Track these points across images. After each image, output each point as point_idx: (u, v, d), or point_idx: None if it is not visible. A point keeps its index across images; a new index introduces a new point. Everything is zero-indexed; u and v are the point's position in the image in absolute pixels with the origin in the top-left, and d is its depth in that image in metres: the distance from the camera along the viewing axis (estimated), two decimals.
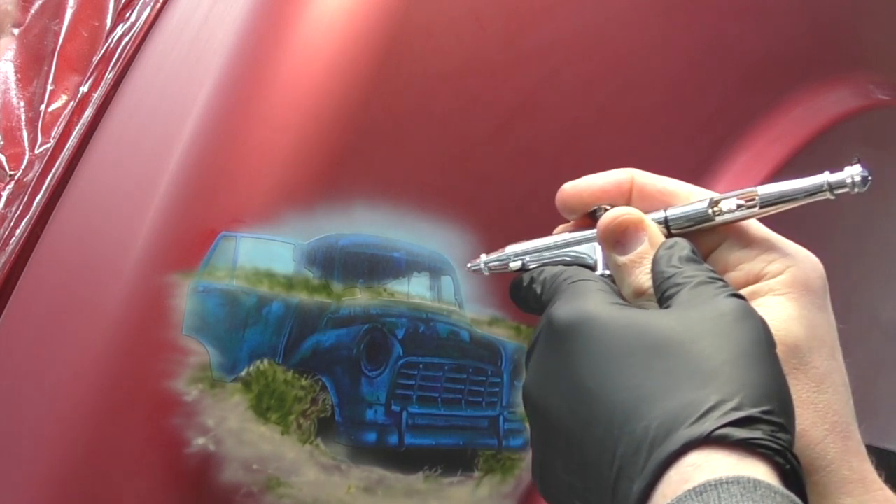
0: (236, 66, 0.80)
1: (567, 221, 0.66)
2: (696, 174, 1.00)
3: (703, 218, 0.61)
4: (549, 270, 0.62)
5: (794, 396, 0.56)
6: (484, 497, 0.86)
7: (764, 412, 0.49)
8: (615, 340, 0.53)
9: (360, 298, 0.80)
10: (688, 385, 0.50)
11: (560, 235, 0.65)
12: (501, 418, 0.87)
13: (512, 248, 0.66)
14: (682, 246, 0.59)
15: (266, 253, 0.76)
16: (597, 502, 0.52)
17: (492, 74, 0.86)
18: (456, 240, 0.83)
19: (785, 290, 0.60)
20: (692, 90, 1.01)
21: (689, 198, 0.62)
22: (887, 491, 0.59)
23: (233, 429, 0.76)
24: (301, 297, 0.78)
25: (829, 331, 0.61)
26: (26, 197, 0.82)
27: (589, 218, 0.64)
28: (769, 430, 0.49)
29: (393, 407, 0.81)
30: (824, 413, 0.58)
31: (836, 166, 0.62)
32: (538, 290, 0.62)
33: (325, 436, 0.79)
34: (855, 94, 1.18)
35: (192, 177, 0.78)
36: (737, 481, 0.46)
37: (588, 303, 0.56)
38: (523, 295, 0.64)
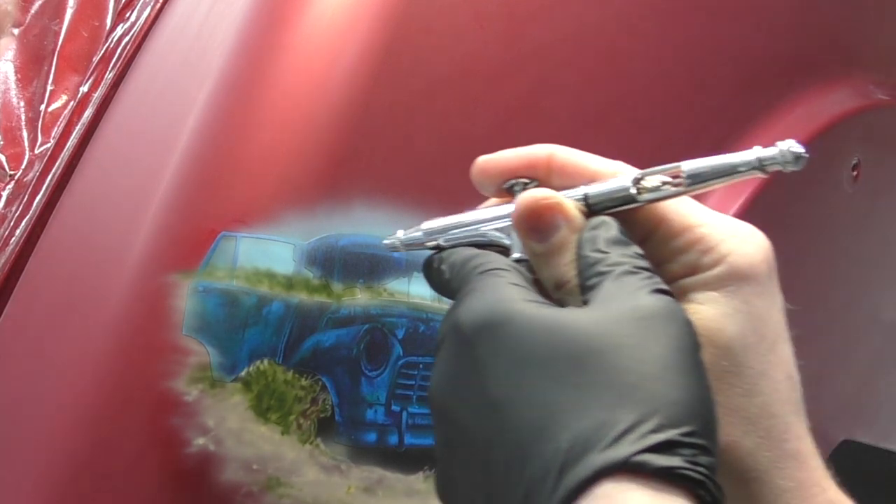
0: (236, 66, 0.80)
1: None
2: None
3: (626, 197, 0.56)
4: (460, 253, 0.57)
5: (724, 403, 0.53)
6: None
7: (685, 434, 0.45)
8: (525, 347, 0.48)
9: (360, 298, 0.80)
10: (602, 401, 0.46)
11: (475, 213, 0.60)
12: None
13: (428, 225, 0.62)
14: (610, 226, 0.54)
15: (266, 253, 0.76)
16: None
17: (492, 74, 0.86)
18: None
19: (720, 284, 0.55)
20: (692, 90, 1.01)
21: (613, 176, 0.57)
22: (830, 492, 0.55)
23: (233, 429, 0.76)
24: (301, 297, 0.78)
25: (769, 323, 0.56)
26: (26, 197, 0.82)
27: (508, 193, 0.59)
28: (690, 455, 0.45)
29: (393, 407, 0.81)
30: (757, 419, 0.54)
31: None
32: (447, 275, 0.57)
33: (325, 436, 0.79)
34: (855, 94, 1.19)
35: (191, 177, 0.78)
36: None
37: (497, 302, 0.50)
38: (434, 278, 0.59)
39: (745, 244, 0.56)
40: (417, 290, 0.82)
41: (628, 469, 0.44)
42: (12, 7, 1.01)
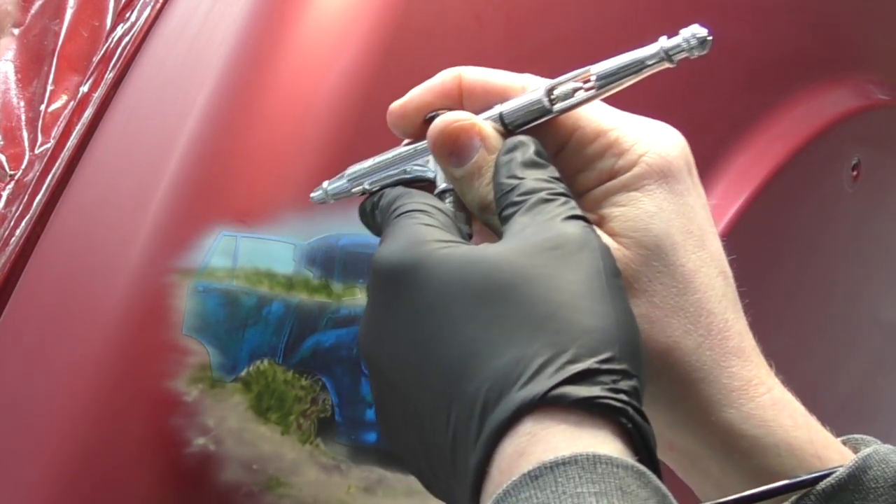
0: (236, 67, 0.80)
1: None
2: None
3: (541, 110, 0.55)
4: (388, 195, 0.56)
5: (661, 304, 0.52)
6: None
7: (603, 361, 0.44)
8: (437, 289, 0.47)
9: (360, 298, 0.80)
10: (518, 337, 0.45)
11: (396, 150, 0.59)
12: None
13: (352, 170, 0.60)
14: (526, 147, 0.53)
15: (266, 253, 0.76)
16: (438, 468, 0.47)
17: None
18: None
19: (640, 183, 0.54)
20: (692, 90, 1.01)
21: (523, 91, 0.56)
22: (775, 390, 0.54)
23: (233, 429, 0.76)
24: (301, 297, 0.78)
25: (694, 218, 0.55)
26: (26, 197, 0.82)
27: (427, 127, 0.57)
28: (610, 382, 0.44)
29: None
30: (696, 316, 0.53)
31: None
32: (379, 220, 0.56)
33: (326, 436, 0.79)
34: (855, 94, 1.19)
35: (191, 177, 0.78)
36: (574, 461, 0.41)
37: (407, 246, 0.49)
38: (371, 224, 0.58)
39: (660, 142, 0.55)
40: None
41: (548, 404, 0.43)
42: (12, 7, 1.01)
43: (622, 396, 0.44)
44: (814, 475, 0.52)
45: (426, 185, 0.57)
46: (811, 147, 1.09)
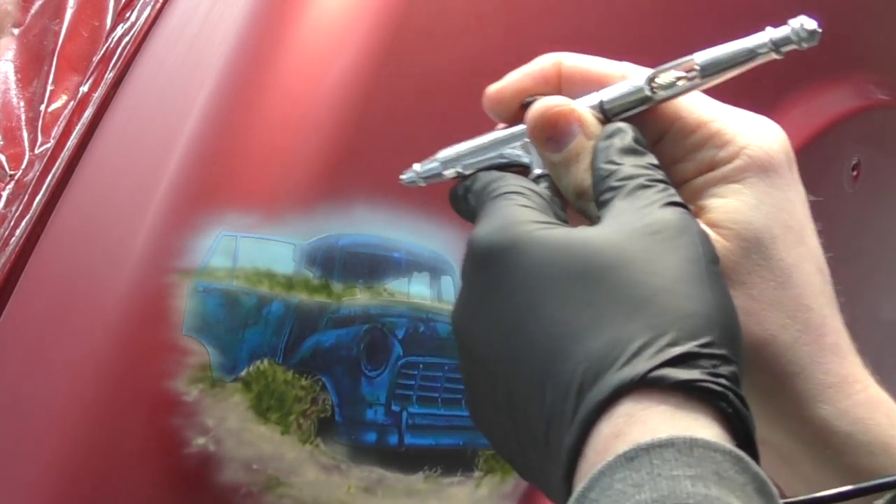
0: (236, 67, 0.80)
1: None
2: None
3: (641, 98, 0.54)
4: (482, 178, 0.55)
5: (759, 297, 0.52)
6: (484, 497, 0.86)
7: (703, 345, 0.44)
8: (537, 269, 0.47)
9: (360, 298, 0.80)
10: (616, 318, 0.45)
11: (492, 134, 0.58)
12: None
13: (444, 153, 0.59)
14: (625, 134, 0.52)
15: (266, 253, 0.77)
16: (530, 449, 0.47)
17: (492, 74, 0.86)
18: (456, 240, 0.83)
19: (741, 176, 0.53)
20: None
21: (623, 79, 0.55)
22: (871, 389, 0.54)
23: (233, 429, 0.76)
24: (301, 297, 0.78)
25: (794, 213, 0.55)
26: (26, 197, 0.82)
27: (524, 112, 0.56)
28: (710, 366, 0.43)
29: (393, 407, 0.81)
30: (793, 311, 0.53)
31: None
32: (473, 203, 0.55)
33: (325, 436, 0.79)
34: (855, 94, 1.19)
35: (191, 177, 0.78)
36: (671, 443, 0.41)
37: (505, 227, 0.49)
38: (463, 208, 0.57)
39: (762, 136, 0.55)
40: (417, 290, 0.82)
41: (647, 385, 0.43)
42: (12, 7, 1.01)
43: (722, 381, 0.43)
44: None
45: (521, 169, 0.56)
46: (811, 147, 1.09)
